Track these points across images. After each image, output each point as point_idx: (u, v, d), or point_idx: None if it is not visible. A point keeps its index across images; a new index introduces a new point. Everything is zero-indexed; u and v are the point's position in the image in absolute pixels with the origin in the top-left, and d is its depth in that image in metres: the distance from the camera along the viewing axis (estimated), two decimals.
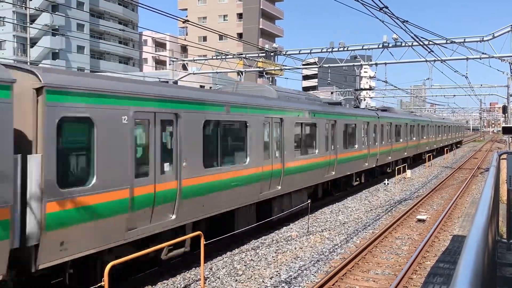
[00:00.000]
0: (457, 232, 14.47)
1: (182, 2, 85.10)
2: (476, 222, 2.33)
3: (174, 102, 9.93)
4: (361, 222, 16.29)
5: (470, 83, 45.05)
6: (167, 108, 9.74)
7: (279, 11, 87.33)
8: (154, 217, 9.39)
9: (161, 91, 9.69)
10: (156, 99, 9.44)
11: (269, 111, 13.94)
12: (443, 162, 41.74)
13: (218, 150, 11.59)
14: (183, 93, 10.39)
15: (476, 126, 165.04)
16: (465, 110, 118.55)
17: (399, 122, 30.77)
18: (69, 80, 7.70)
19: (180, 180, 10.04)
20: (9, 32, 64.07)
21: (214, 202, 11.30)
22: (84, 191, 7.81)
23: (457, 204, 19.55)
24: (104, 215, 8.17)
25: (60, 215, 7.38)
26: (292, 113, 15.44)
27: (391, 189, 24.24)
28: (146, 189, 9.16)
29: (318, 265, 11.21)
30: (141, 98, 9.03)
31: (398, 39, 27.19)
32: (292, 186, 15.38)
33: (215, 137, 11.53)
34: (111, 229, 8.35)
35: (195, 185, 10.56)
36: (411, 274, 10.48)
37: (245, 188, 12.59)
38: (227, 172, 11.77)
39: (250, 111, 12.85)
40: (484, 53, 26.86)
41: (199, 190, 10.71)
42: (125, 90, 8.71)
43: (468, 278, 1.69)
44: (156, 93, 9.47)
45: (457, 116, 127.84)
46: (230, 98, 12.13)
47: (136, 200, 8.88)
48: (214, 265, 11.19)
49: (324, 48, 29.25)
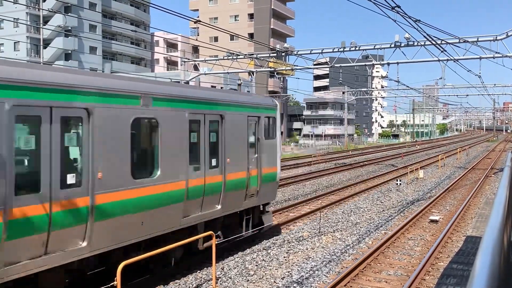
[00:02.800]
0: (470, 233, 14.34)
1: (193, 2, 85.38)
2: (491, 222, 2.30)
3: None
4: (373, 222, 16.21)
5: (483, 83, 44.65)
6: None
7: (290, 11, 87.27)
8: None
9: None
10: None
11: None
12: (456, 162, 41.42)
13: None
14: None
15: (500, 126, 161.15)
16: (478, 110, 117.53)
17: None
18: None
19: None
20: (23, 33, 64.75)
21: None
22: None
23: (470, 205, 19.38)
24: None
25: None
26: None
27: (404, 190, 24.09)
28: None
29: (329, 265, 11.17)
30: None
31: (411, 39, 27.03)
32: None
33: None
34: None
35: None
36: (424, 275, 10.40)
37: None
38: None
39: None
40: (498, 53, 26.61)
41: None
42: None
43: (484, 280, 1.67)
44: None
45: (470, 116, 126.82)
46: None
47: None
48: (225, 265, 11.20)
49: (335, 47, 29.17)
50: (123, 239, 8.43)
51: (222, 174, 11.21)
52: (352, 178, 29.71)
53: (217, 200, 11.11)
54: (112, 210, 8.11)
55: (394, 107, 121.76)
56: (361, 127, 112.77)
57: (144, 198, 8.81)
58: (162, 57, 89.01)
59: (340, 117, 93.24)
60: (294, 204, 19.61)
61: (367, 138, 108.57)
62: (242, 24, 79.21)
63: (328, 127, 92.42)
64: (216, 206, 11.09)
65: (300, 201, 20.17)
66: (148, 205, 8.89)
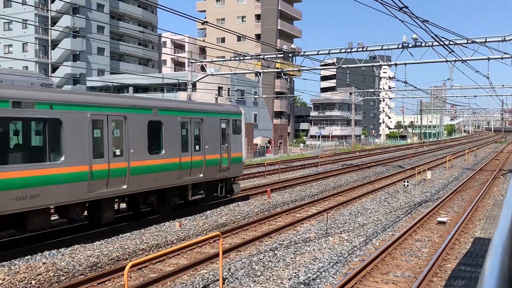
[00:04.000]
0: (478, 234, 14.24)
1: (200, 4, 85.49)
2: (500, 224, 2.28)
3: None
4: (381, 224, 16.15)
5: (492, 84, 44.36)
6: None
7: (297, 11, 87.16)
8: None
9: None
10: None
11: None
12: (464, 163, 41.19)
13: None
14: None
15: (509, 127, 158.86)
16: (486, 111, 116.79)
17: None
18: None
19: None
20: (31, 34, 65.15)
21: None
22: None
23: (479, 206, 19.26)
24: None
25: None
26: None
27: (411, 191, 23.99)
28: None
29: (336, 267, 11.14)
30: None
31: (418, 39, 26.88)
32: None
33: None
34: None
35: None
36: (432, 277, 10.35)
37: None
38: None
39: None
40: (506, 53, 26.42)
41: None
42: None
43: (494, 282, 1.65)
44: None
45: (478, 117, 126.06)
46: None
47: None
48: (232, 265, 11.20)
49: (342, 48, 29.05)
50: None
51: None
52: (359, 179, 29.63)
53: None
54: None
55: (402, 108, 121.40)
56: (368, 128, 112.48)
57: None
58: (169, 58, 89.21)
59: (347, 118, 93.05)
60: (301, 205, 19.59)
61: (374, 139, 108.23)
62: (249, 25, 79.21)
63: (335, 128, 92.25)
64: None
65: (307, 202, 20.14)
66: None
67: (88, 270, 11.05)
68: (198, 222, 16.26)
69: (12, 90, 11.44)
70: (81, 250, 12.51)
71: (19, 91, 11.56)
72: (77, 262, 11.40)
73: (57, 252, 12.29)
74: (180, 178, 16.68)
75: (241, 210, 18.64)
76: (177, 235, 14.42)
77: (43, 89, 12.46)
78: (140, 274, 10.99)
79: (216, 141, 18.63)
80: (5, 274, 10.32)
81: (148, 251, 12.85)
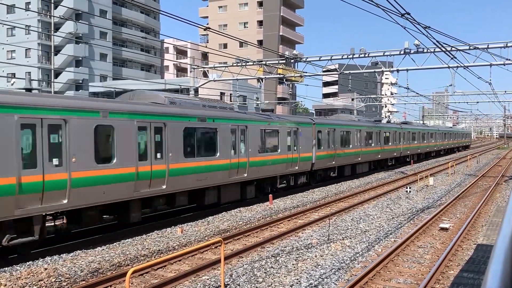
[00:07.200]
0: (481, 241, 14.20)
1: (203, 10, 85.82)
2: (503, 230, 2.26)
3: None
4: (383, 230, 16.10)
5: (494, 90, 44.33)
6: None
7: (299, 18, 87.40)
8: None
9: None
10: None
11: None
12: (466, 169, 41.11)
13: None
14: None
15: (511, 133, 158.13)
16: (488, 117, 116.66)
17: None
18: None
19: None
20: (34, 40, 65.44)
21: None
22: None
23: (481, 213, 19.20)
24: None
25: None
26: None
27: (413, 197, 23.93)
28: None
29: (339, 273, 11.10)
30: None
31: (420, 45, 26.90)
32: (182, 186, 17.04)
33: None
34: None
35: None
36: (434, 284, 10.31)
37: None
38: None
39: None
40: (508, 59, 26.42)
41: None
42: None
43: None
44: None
45: (481, 123, 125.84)
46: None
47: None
48: (234, 272, 11.17)
49: (344, 54, 29.09)
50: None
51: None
52: (361, 185, 29.58)
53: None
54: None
55: (404, 114, 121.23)
56: None
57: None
58: (171, 64, 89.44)
59: None
60: (303, 211, 19.55)
61: None
62: (251, 31, 79.42)
63: None
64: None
65: (309, 208, 20.11)
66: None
67: (90, 276, 11.04)
68: (199, 228, 16.25)
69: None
70: (82, 256, 12.51)
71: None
72: (78, 267, 11.40)
73: (58, 258, 12.29)
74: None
75: (243, 216, 18.62)
76: (179, 241, 14.41)
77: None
78: (141, 280, 10.97)
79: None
80: (6, 279, 10.31)
81: (149, 257, 12.83)
